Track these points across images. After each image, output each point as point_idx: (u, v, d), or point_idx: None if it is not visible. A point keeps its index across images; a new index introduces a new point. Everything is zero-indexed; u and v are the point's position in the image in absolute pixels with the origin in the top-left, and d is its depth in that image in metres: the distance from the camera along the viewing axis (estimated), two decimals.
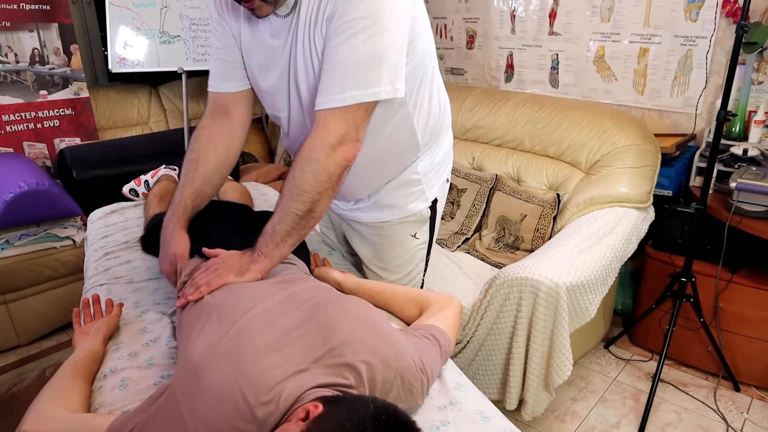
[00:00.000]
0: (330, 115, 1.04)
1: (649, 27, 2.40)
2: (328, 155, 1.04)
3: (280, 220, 1.08)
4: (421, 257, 1.45)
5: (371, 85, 1.02)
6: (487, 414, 0.94)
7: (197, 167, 1.27)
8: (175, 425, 0.80)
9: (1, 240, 2.31)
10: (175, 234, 1.23)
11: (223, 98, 1.29)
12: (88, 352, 1.11)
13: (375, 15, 0.99)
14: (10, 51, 2.66)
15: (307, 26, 1.08)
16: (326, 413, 0.73)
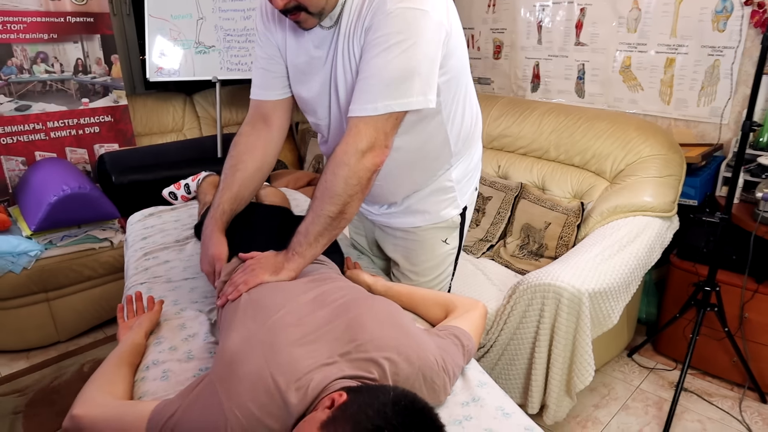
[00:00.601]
0: (362, 123, 1.10)
1: (676, 37, 2.41)
2: (359, 160, 1.10)
3: (313, 221, 1.14)
4: (450, 262, 1.50)
5: (402, 96, 1.08)
6: (508, 411, 0.98)
7: (235, 173, 1.35)
8: (212, 409, 0.86)
9: (45, 240, 2.42)
10: (213, 237, 1.30)
11: (264, 106, 1.37)
12: (132, 344, 1.19)
13: (409, 30, 1.05)
14: (56, 61, 2.80)
15: (346, 37, 1.14)
16: (350, 400, 0.78)
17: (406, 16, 1.05)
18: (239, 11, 2.90)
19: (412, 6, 1.05)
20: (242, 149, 1.37)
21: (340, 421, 0.75)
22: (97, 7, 2.87)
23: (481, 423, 0.95)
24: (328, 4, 1.12)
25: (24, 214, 2.48)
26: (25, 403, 2.14)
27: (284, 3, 1.09)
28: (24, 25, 2.68)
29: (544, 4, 2.84)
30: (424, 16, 1.06)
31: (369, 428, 0.71)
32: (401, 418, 0.73)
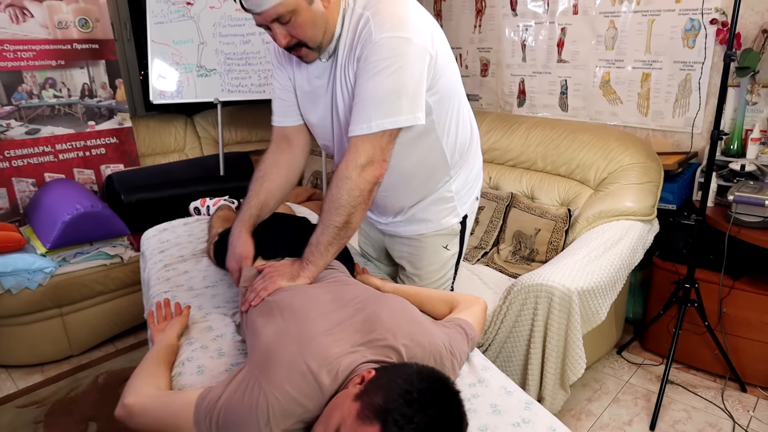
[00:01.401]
0: (359, 141, 1.23)
1: (651, 54, 2.59)
2: (359, 174, 1.23)
3: (322, 231, 1.28)
4: (450, 266, 1.63)
5: (392, 114, 1.22)
6: (510, 389, 1.11)
7: (263, 183, 1.50)
8: (254, 393, 0.98)
9: (59, 258, 2.52)
10: (241, 237, 1.45)
11: (285, 130, 1.53)
12: (166, 345, 1.30)
13: (395, 56, 1.19)
14: (63, 86, 2.92)
15: (342, 67, 1.29)
16: (379, 375, 0.92)
17: (391, 43, 1.19)
18: (239, 36, 3.04)
19: (396, 35, 1.19)
20: (269, 164, 1.52)
21: (372, 391, 0.88)
22: (101, 34, 3.00)
23: (487, 399, 1.08)
24: (324, 39, 1.27)
25: (37, 233, 2.59)
26: (44, 414, 2.23)
27: (286, 42, 1.25)
28: (33, 53, 2.80)
29: (527, 24, 3.02)
30: (408, 42, 1.20)
31: (399, 393, 0.84)
32: (425, 384, 0.86)
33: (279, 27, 1.22)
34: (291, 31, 1.23)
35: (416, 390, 0.85)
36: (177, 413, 1.04)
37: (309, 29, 1.23)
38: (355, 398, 0.90)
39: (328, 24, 1.26)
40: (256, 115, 3.70)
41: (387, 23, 1.20)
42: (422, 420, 0.82)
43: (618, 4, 2.64)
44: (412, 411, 0.83)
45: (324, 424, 0.93)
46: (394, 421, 0.82)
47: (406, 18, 1.22)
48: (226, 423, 0.98)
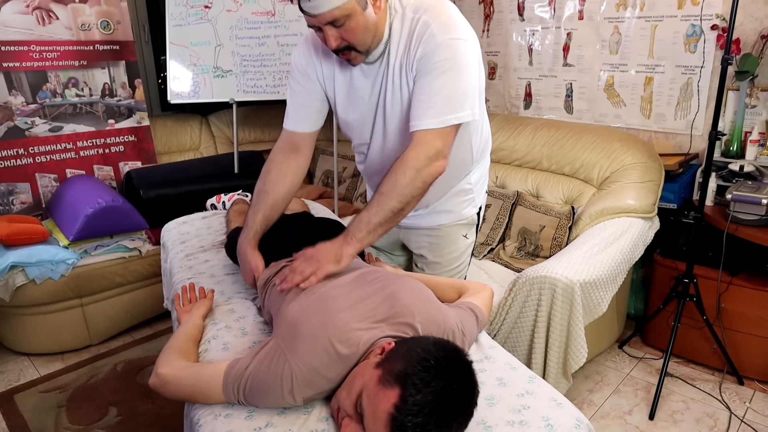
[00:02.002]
0: (429, 134, 1.30)
1: (653, 58, 2.68)
2: (426, 166, 1.29)
3: (376, 212, 1.29)
4: (468, 254, 1.72)
5: (459, 110, 1.30)
6: (515, 366, 1.20)
7: (267, 198, 1.53)
8: (280, 363, 1.07)
9: (80, 250, 2.63)
10: (248, 253, 1.50)
11: (297, 136, 1.55)
12: (193, 324, 1.39)
13: (456, 57, 1.28)
14: (85, 86, 3.03)
15: (397, 68, 1.36)
16: (398, 345, 1.00)
17: (454, 45, 1.28)
18: (255, 38, 3.14)
19: (457, 37, 1.29)
20: (274, 176, 1.54)
21: (393, 359, 0.97)
22: (122, 36, 3.11)
23: (493, 374, 1.16)
24: (373, 43, 1.34)
25: (60, 226, 2.69)
26: (66, 399, 2.33)
27: (337, 44, 1.30)
28: (58, 53, 2.91)
29: (533, 29, 3.11)
30: (466, 44, 1.30)
31: (417, 360, 0.93)
32: (442, 353, 0.95)
33: (332, 29, 1.27)
34: (343, 35, 1.28)
35: (433, 358, 0.94)
36: (207, 381, 1.13)
37: (361, 34, 1.29)
38: (376, 366, 0.98)
39: (377, 29, 1.33)
40: (269, 116, 3.81)
41: (448, 26, 1.29)
42: (439, 384, 0.91)
43: (622, 10, 2.73)
44: (430, 376, 0.91)
45: (347, 390, 1.02)
46: (413, 385, 0.90)
47: (460, 21, 1.33)
48: (252, 389, 1.07)
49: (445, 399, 0.91)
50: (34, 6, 2.80)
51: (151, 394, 2.33)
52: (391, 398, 0.91)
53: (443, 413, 0.90)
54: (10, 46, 2.76)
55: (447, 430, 0.91)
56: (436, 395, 0.90)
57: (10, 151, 2.81)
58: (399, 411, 0.89)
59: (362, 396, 0.96)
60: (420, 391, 0.90)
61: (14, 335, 2.64)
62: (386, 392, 0.92)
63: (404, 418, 0.89)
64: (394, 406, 0.90)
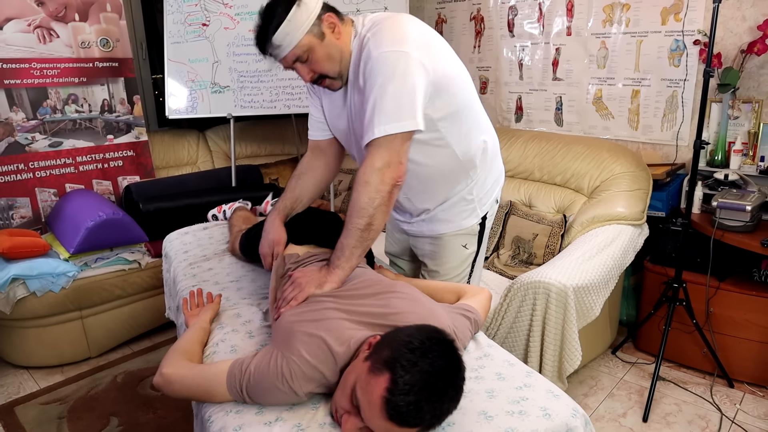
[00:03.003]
0: (373, 147, 1.34)
1: (639, 72, 2.77)
2: (377, 177, 1.32)
3: (346, 235, 1.34)
4: (468, 263, 1.76)
5: (395, 120, 1.32)
6: (512, 362, 1.25)
7: (298, 181, 1.68)
8: (278, 360, 1.12)
9: (81, 263, 2.66)
10: (275, 224, 1.61)
11: (318, 142, 1.69)
12: (200, 328, 1.44)
13: (389, 69, 1.31)
14: (85, 102, 3.08)
15: (352, 84, 1.45)
16: (383, 337, 1.07)
17: (389, 57, 1.32)
18: (252, 55, 3.21)
19: (393, 49, 1.32)
20: (305, 166, 1.70)
21: (380, 349, 1.03)
22: (121, 53, 3.17)
23: (492, 369, 1.21)
24: (342, 67, 1.43)
25: (60, 239, 2.72)
26: (67, 410, 2.34)
27: (310, 77, 1.42)
28: (58, 71, 2.97)
29: (523, 44, 3.21)
30: (405, 55, 1.32)
31: (402, 344, 0.99)
32: (425, 335, 1.01)
33: (301, 66, 1.39)
34: (311, 67, 1.39)
35: (417, 340, 1.00)
36: (211, 380, 1.17)
37: (326, 62, 1.39)
38: (365, 359, 1.04)
39: (342, 53, 1.41)
40: (265, 131, 3.87)
41: (385, 40, 1.34)
42: (425, 363, 0.96)
43: (608, 26, 2.83)
44: (416, 357, 0.97)
45: (342, 388, 1.07)
46: (402, 366, 0.96)
47: (403, 34, 1.36)
48: (254, 386, 1.12)
49: (433, 375, 0.96)
50: (35, 25, 2.86)
51: (152, 404, 2.35)
52: (383, 383, 0.96)
53: (433, 389, 0.95)
54: (11, 64, 2.81)
55: (440, 404, 0.97)
56: (424, 373, 0.96)
57: (10, 166, 2.85)
58: (391, 393, 0.95)
59: (356, 389, 1.01)
60: (408, 371, 0.95)
61: (14, 348, 2.65)
62: (377, 379, 0.97)
63: (397, 398, 0.94)
64: (386, 390, 0.95)
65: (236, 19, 3.19)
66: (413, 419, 0.95)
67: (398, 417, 0.95)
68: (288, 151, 3.93)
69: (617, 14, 2.79)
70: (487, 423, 1.05)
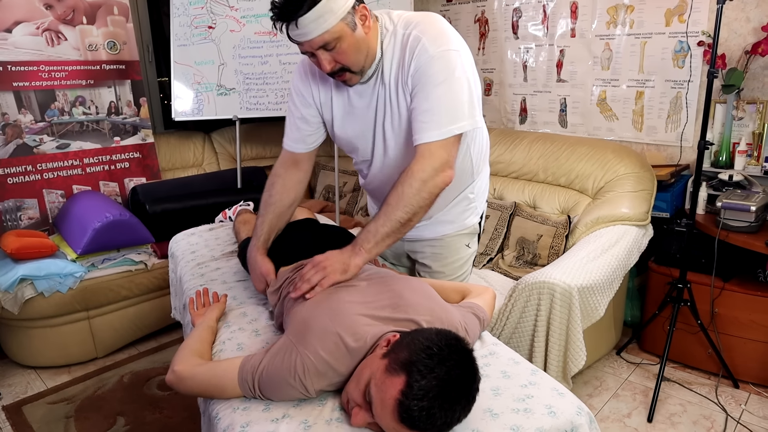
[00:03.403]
0: (434, 146, 1.33)
1: (644, 73, 2.78)
2: (432, 177, 1.30)
3: (384, 223, 1.31)
4: (470, 262, 1.77)
5: (460, 119, 1.33)
6: (518, 360, 1.26)
7: (274, 209, 1.60)
8: (292, 356, 1.13)
9: (88, 263, 2.68)
10: (258, 259, 1.55)
11: (296, 155, 1.62)
12: (207, 326, 1.45)
13: (450, 68, 1.32)
14: (92, 104, 3.11)
15: (393, 84, 1.40)
16: (403, 337, 1.07)
17: (447, 56, 1.32)
18: (257, 57, 3.24)
19: (449, 48, 1.33)
20: (278, 189, 1.61)
21: (398, 349, 1.03)
22: (128, 56, 3.20)
23: (497, 367, 1.22)
24: (366, 62, 1.38)
25: (67, 240, 2.74)
26: (74, 409, 2.36)
27: (331, 67, 1.34)
28: (66, 73, 3.00)
29: (527, 46, 3.22)
30: (459, 54, 1.34)
31: (421, 348, 0.99)
32: (444, 341, 1.01)
33: (324, 53, 1.31)
34: (336, 57, 1.32)
35: (436, 346, 1.00)
36: (222, 376, 1.18)
37: (353, 54, 1.33)
38: (382, 357, 1.04)
39: (369, 48, 1.37)
40: (270, 133, 3.89)
41: (438, 39, 1.33)
42: (442, 370, 0.97)
43: (612, 28, 2.84)
44: (433, 363, 0.97)
45: (356, 381, 1.07)
46: (418, 371, 0.96)
47: (451, 33, 1.37)
48: (266, 382, 1.13)
49: (449, 384, 0.97)
50: (44, 28, 2.89)
51: (158, 404, 2.37)
52: (398, 385, 0.97)
53: (447, 397, 0.96)
54: (20, 66, 2.84)
55: (451, 413, 0.97)
56: (440, 380, 0.96)
57: (18, 167, 2.87)
58: (405, 396, 0.95)
59: (370, 385, 1.02)
60: (425, 377, 0.96)
61: (21, 348, 2.67)
62: (393, 379, 0.98)
63: (410, 402, 0.95)
64: (400, 392, 0.96)
65: (242, 21, 3.22)
66: (424, 424, 0.96)
67: (409, 420, 0.96)
68: None
69: (621, 16, 2.80)
70: (493, 420, 1.06)
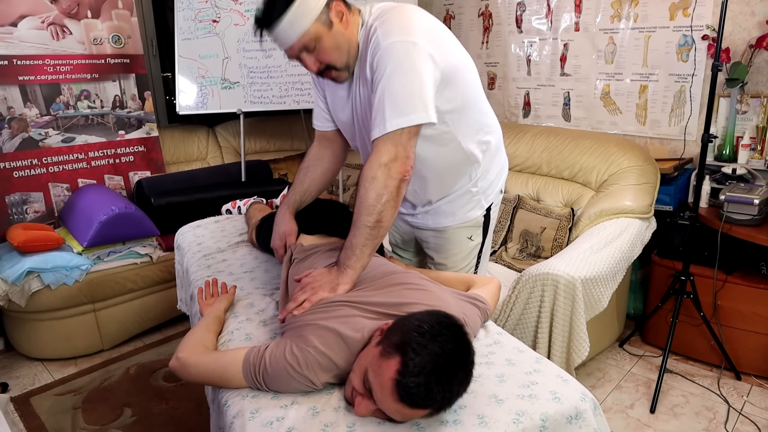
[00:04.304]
0: (380, 141, 1.30)
1: (647, 67, 2.78)
2: (384, 173, 1.28)
3: (354, 234, 1.30)
4: (474, 255, 1.77)
5: (406, 113, 1.30)
6: (522, 349, 1.27)
7: (307, 173, 1.68)
8: (293, 350, 1.15)
9: (94, 256, 2.70)
10: (285, 217, 1.61)
11: (325, 133, 1.69)
12: (214, 317, 1.46)
13: (397, 60, 1.28)
14: (97, 98, 3.12)
15: (357, 77, 1.43)
16: (394, 323, 1.09)
17: (398, 48, 1.29)
18: (261, 51, 3.24)
19: (402, 39, 1.30)
20: (313, 156, 1.70)
21: (391, 334, 1.05)
22: (132, 50, 3.21)
23: (502, 355, 1.24)
24: (350, 58, 1.39)
25: (73, 233, 2.76)
26: (81, 401, 2.38)
27: (316, 67, 1.38)
28: (71, 67, 3.01)
29: (531, 40, 3.23)
30: (414, 46, 1.29)
31: (413, 328, 1.01)
32: (434, 319, 1.03)
33: (307, 55, 1.35)
34: (318, 57, 1.35)
35: (427, 324, 1.02)
36: (227, 365, 1.20)
37: (334, 52, 1.35)
38: (376, 344, 1.07)
39: (350, 44, 1.38)
40: (274, 127, 3.90)
41: (393, 30, 1.32)
42: (435, 346, 0.99)
43: (617, 22, 2.84)
44: (426, 340, 0.99)
45: (356, 372, 1.09)
46: (412, 349, 0.98)
47: (411, 24, 1.33)
48: (271, 374, 1.15)
49: (443, 358, 0.98)
50: (49, 22, 2.90)
51: (164, 395, 2.39)
52: (393, 366, 0.99)
53: (443, 371, 0.98)
54: (25, 60, 2.85)
55: (449, 386, 0.99)
56: (434, 356, 0.98)
57: (24, 161, 2.89)
58: (402, 375, 0.97)
59: (368, 373, 1.04)
60: (418, 354, 0.98)
61: (28, 341, 2.69)
62: (388, 362, 1.00)
63: (408, 380, 0.96)
64: (397, 372, 0.98)
65: (246, 15, 3.22)
66: (423, 400, 0.98)
67: (409, 398, 0.97)
68: (297, 147, 3.96)
69: (625, 9, 2.80)
70: (498, 406, 1.07)
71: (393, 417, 1.03)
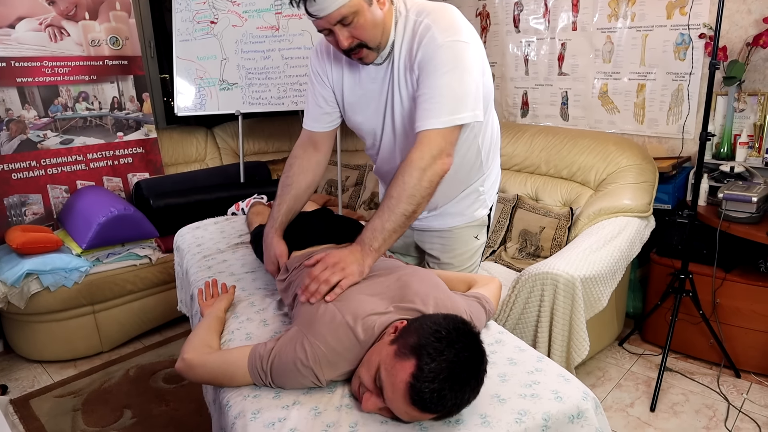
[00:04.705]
0: (432, 134, 1.32)
1: (645, 66, 2.79)
2: (431, 165, 1.30)
3: (388, 218, 1.29)
4: (479, 254, 1.78)
5: (461, 111, 1.34)
6: (523, 348, 1.27)
7: (290, 191, 1.61)
8: (301, 344, 1.14)
9: (93, 258, 2.69)
10: (274, 240, 1.56)
11: (315, 135, 1.63)
12: (215, 317, 1.46)
13: (457, 59, 1.33)
14: (95, 99, 3.12)
15: (402, 69, 1.42)
16: (410, 323, 1.09)
17: (455, 47, 1.33)
18: (259, 52, 3.25)
19: (458, 39, 1.33)
20: (296, 170, 1.62)
21: (406, 334, 1.05)
22: (130, 51, 3.21)
23: (503, 355, 1.24)
24: (383, 40, 1.39)
25: (72, 235, 2.76)
26: (81, 402, 2.38)
27: (348, 43, 1.33)
28: (69, 69, 3.00)
29: (529, 40, 3.23)
30: (468, 47, 1.35)
31: (430, 332, 1.01)
32: (452, 325, 1.03)
33: (341, 29, 1.31)
34: (353, 32, 1.32)
35: (444, 329, 1.02)
36: (232, 363, 1.20)
37: (370, 29, 1.33)
38: (391, 343, 1.06)
39: (385, 26, 1.38)
40: (272, 128, 3.90)
41: (449, 29, 1.34)
42: (451, 353, 0.99)
43: (614, 21, 2.85)
44: (442, 346, 0.99)
45: (366, 368, 1.09)
46: (428, 354, 0.98)
47: (462, 25, 1.37)
48: (277, 369, 1.15)
49: (458, 365, 0.98)
50: (46, 23, 2.90)
51: (164, 397, 2.38)
52: (408, 368, 0.98)
53: (457, 378, 0.98)
54: (23, 62, 2.85)
55: (461, 394, 0.99)
56: (449, 363, 0.98)
57: (23, 163, 2.89)
58: (416, 379, 0.97)
59: (380, 370, 1.04)
60: (434, 360, 0.97)
61: (27, 343, 2.69)
62: (403, 363, 1.00)
63: (421, 384, 0.96)
64: (411, 375, 0.98)
65: (244, 16, 3.22)
66: (435, 406, 0.98)
67: (421, 403, 0.97)
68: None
69: (623, 9, 2.80)
70: (501, 405, 1.07)
71: (400, 417, 1.03)
